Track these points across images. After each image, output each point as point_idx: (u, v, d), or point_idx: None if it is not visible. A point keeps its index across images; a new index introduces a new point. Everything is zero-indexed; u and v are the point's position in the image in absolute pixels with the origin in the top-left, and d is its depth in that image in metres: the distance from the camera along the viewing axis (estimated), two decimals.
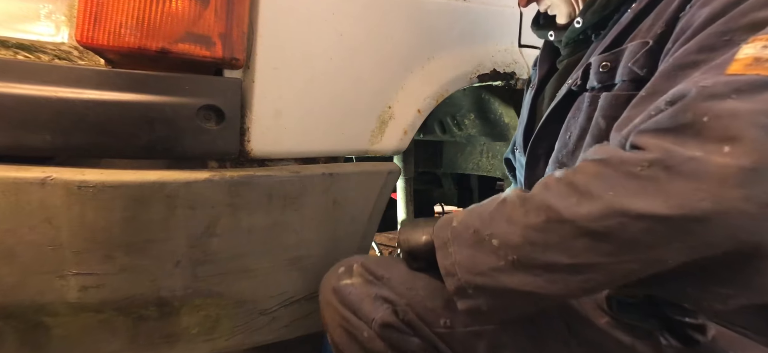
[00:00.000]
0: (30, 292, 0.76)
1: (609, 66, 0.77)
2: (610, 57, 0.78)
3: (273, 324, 0.99)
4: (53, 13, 0.83)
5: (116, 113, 0.76)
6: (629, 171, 0.59)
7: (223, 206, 0.84)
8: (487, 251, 0.69)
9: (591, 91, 0.82)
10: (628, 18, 0.79)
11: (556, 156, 0.89)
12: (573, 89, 0.85)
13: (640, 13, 0.78)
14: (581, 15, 0.89)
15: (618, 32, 0.80)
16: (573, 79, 0.86)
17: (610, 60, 0.78)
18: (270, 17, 0.86)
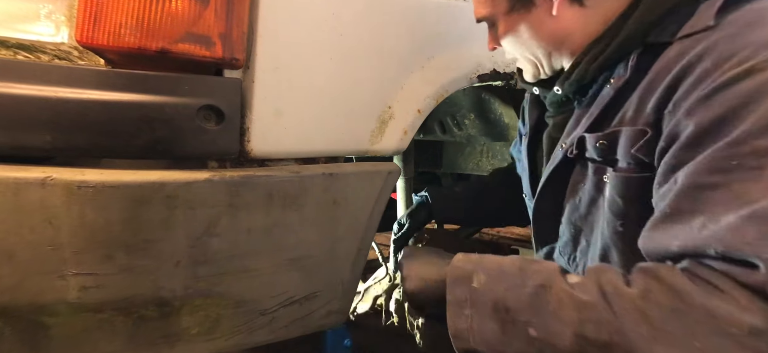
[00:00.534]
0: (30, 292, 0.76)
1: (606, 145, 0.79)
2: (605, 138, 0.80)
3: (273, 324, 0.99)
4: (53, 13, 0.83)
5: (116, 113, 0.76)
6: (724, 330, 0.58)
7: (223, 206, 0.84)
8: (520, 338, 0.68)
9: (593, 162, 0.83)
10: (610, 94, 0.81)
11: (568, 218, 0.91)
12: (569, 156, 0.87)
13: (620, 90, 0.80)
14: (560, 83, 0.90)
15: (602, 108, 0.82)
16: (568, 147, 0.87)
17: (606, 140, 0.79)
18: (270, 17, 0.86)
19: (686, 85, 0.69)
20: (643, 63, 0.78)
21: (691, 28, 0.73)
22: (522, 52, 0.92)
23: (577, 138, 0.86)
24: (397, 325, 1.47)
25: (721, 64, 0.66)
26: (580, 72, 0.86)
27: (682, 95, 0.69)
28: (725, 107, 0.63)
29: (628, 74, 0.79)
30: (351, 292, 1.09)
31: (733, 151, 0.62)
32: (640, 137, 0.74)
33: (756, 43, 0.65)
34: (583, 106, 0.88)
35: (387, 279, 1.59)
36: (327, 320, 1.07)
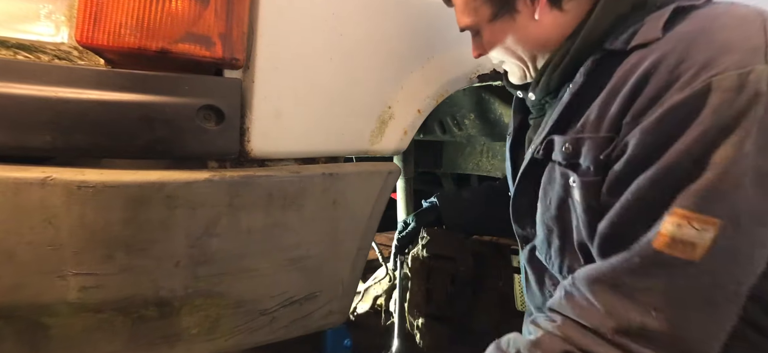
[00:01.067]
0: (30, 292, 0.76)
1: (571, 149, 0.82)
2: (570, 141, 0.83)
3: (273, 324, 0.99)
4: (53, 13, 0.83)
5: (116, 113, 0.76)
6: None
7: (223, 206, 0.84)
8: None
9: (559, 165, 0.87)
10: (567, 99, 0.85)
11: (541, 218, 0.94)
12: (536, 157, 0.91)
13: (576, 95, 0.83)
14: (532, 90, 0.94)
15: (560, 111, 0.85)
16: (535, 148, 0.91)
17: (572, 144, 0.82)
18: (270, 17, 0.86)
19: (643, 100, 0.72)
20: (601, 70, 0.80)
21: (643, 39, 0.76)
22: (508, 57, 0.94)
23: (545, 141, 0.89)
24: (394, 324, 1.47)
25: (670, 84, 0.70)
26: (546, 79, 0.90)
27: (639, 110, 0.73)
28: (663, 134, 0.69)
29: (582, 79, 0.82)
30: (351, 292, 1.09)
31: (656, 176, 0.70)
32: (607, 144, 0.77)
33: (699, 63, 0.68)
34: (552, 109, 0.92)
35: (387, 279, 1.59)
36: (327, 320, 1.07)
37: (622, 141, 0.75)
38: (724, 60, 0.66)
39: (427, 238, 1.44)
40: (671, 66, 0.70)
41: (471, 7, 0.90)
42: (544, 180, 0.92)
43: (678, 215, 0.67)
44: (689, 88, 0.67)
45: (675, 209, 0.67)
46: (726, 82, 0.65)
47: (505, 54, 0.94)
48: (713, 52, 0.67)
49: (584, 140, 0.81)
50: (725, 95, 0.65)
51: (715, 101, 0.65)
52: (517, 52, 0.92)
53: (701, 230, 0.66)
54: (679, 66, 0.69)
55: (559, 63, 0.87)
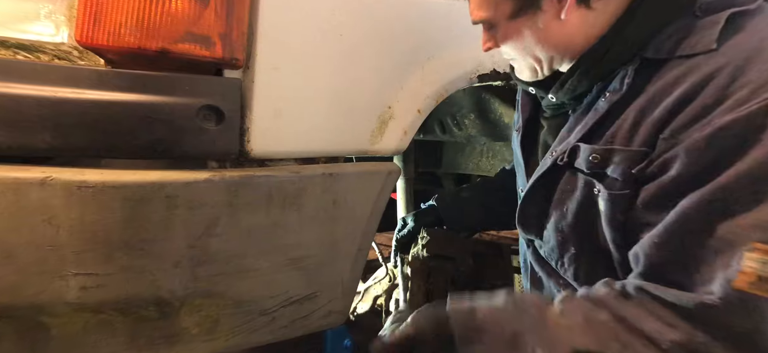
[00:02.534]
0: (30, 292, 0.76)
1: (599, 159, 0.79)
2: (599, 152, 0.80)
3: (273, 324, 0.99)
4: (53, 13, 0.83)
5: (116, 113, 0.76)
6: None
7: (222, 206, 0.84)
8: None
9: (582, 173, 0.84)
10: (604, 108, 0.81)
11: (555, 224, 0.91)
12: (559, 163, 0.87)
13: (615, 104, 0.79)
14: (554, 92, 0.90)
15: (596, 120, 0.82)
16: (558, 155, 0.87)
17: (600, 154, 0.79)
18: (270, 17, 0.86)
19: (686, 115, 0.69)
20: (640, 79, 0.77)
21: (692, 49, 0.72)
22: (523, 55, 0.89)
23: (570, 147, 0.85)
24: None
25: (720, 102, 0.66)
26: (573, 83, 0.85)
27: (681, 126, 0.69)
28: (717, 153, 0.66)
29: (624, 90, 0.78)
30: (351, 292, 1.09)
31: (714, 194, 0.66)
32: (641, 159, 0.74)
33: (756, 82, 0.65)
34: (578, 114, 0.87)
35: (387, 279, 1.59)
36: (327, 320, 1.07)
37: (660, 158, 0.71)
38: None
39: (427, 238, 1.44)
40: (723, 84, 0.67)
41: (490, 1, 0.84)
42: (562, 186, 0.88)
43: (761, 250, 0.62)
44: (744, 108, 0.64)
45: (755, 244, 0.62)
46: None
47: (519, 52, 0.89)
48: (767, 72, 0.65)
49: (615, 152, 0.77)
50: None
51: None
52: (535, 51, 0.86)
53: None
54: (733, 84, 0.66)
55: (590, 68, 0.82)
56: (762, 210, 0.63)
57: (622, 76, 0.79)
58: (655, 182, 0.72)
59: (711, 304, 0.64)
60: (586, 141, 0.83)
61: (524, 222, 1.00)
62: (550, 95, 0.91)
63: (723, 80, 0.67)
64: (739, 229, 0.64)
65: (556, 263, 0.95)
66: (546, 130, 1.00)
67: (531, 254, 1.03)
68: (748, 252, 0.62)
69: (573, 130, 0.87)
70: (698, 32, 0.73)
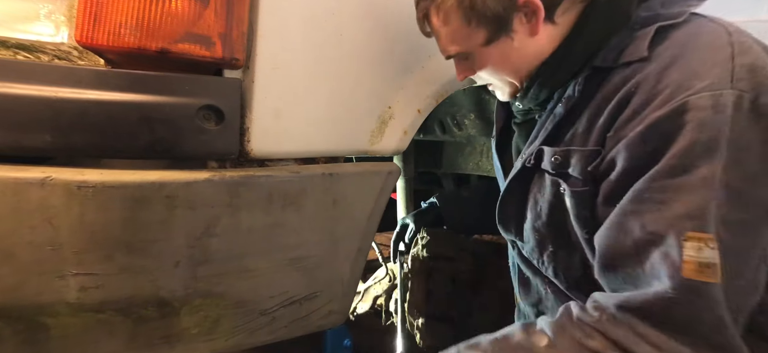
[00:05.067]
0: (29, 292, 0.76)
1: (560, 160, 0.86)
2: (560, 153, 0.86)
3: (273, 324, 0.99)
4: (53, 13, 0.83)
5: (116, 113, 0.76)
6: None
7: (222, 206, 0.84)
8: None
9: (548, 174, 0.89)
10: (561, 113, 0.88)
11: (532, 225, 0.96)
12: (528, 166, 0.93)
13: (570, 109, 0.86)
14: (519, 100, 0.96)
15: (554, 124, 0.88)
16: (526, 157, 0.93)
17: (561, 155, 0.86)
18: (270, 17, 0.86)
19: (624, 116, 0.77)
20: (591, 85, 0.84)
21: (630, 57, 0.80)
22: (500, 76, 0.93)
23: (536, 150, 0.91)
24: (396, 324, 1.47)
25: (649, 101, 0.74)
26: (535, 91, 0.92)
27: (621, 125, 0.77)
28: (649, 147, 0.73)
29: (576, 96, 0.85)
30: (351, 292, 1.09)
31: (647, 185, 0.73)
32: (594, 157, 0.81)
33: (675, 83, 0.73)
34: (542, 119, 0.93)
35: (387, 279, 1.59)
36: (327, 320, 1.07)
37: (608, 155, 0.78)
38: (696, 83, 0.71)
39: (427, 238, 1.44)
40: (650, 85, 0.75)
41: (460, 35, 0.87)
42: (534, 189, 0.94)
43: (694, 238, 0.68)
44: (668, 105, 0.72)
45: (688, 234, 0.69)
46: (701, 101, 0.70)
47: (497, 75, 0.93)
48: (687, 75, 0.73)
49: (573, 152, 0.84)
50: (702, 114, 0.70)
51: (694, 118, 0.70)
52: (512, 71, 0.91)
53: (714, 250, 0.68)
54: (657, 85, 0.75)
55: (549, 77, 0.89)
56: (688, 199, 0.69)
57: (575, 83, 0.86)
58: (607, 180, 0.79)
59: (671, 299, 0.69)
60: (548, 144, 0.89)
61: (504, 223, 1.05)
62: (516, 103, 0.98)
63: (651, 81, 0.75)
64: (673, 220, 0.70)
65: (537, 262, 0.99)
66: (517, 135, 1.05)
67: (516, 255, 1.08)
68: (684, 242, 0.69)
69: (538, 134, 0.93)
70: (634, 43, 0.81)
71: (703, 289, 0.68)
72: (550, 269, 0.96)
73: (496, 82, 0.96)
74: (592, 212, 0.83)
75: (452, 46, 0.90)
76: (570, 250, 0.91)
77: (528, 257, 1.03)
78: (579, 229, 0.86)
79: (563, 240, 0.91)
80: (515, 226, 1.01)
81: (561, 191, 0.87)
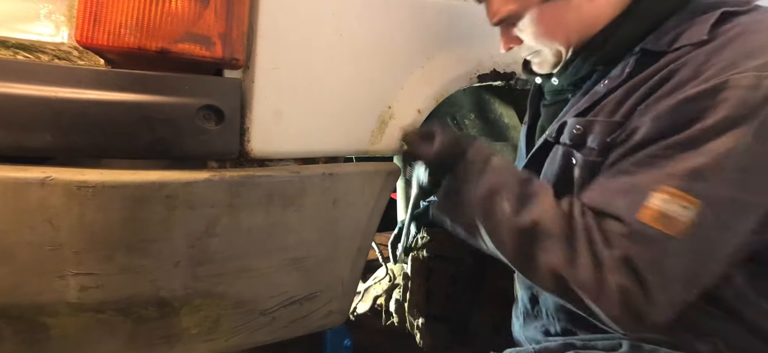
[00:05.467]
0: (29, 292, 0.76)
1: (582, 130, 0.84)
2: (583, 123, 0.84)
3: (273, 324, 0.99)
4: (53, 13, 0.83)
5: (116, 113, 0.76)
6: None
7: (222, 206, 0.84)
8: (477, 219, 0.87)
9: (563, 145, 0.88)
10: (602, 92, 0.84)
11: None
12: (549, 139, 0.92)
13: (612, 89, 0.83)
14: (557, 75, 0.94)
15: (592, 102, 0.85)
16: (550, 132, 0.92)
17: (583, 125, 0.84)
18: (270, 17, 0.86)
19: (662, 91, 0.75)
20: (639, 68, 0.81)
21: (687, 40, 0.77)
22: (551, 42, 0.89)
23: (561, 122, 0.89)
24: (397, 325, 1.47)
25: (693, 78, 0.72)
26: (576, 66, 0.89)
27: (655, 100, 0.75)
28: (675, 120, 0.72)
29: (623, 77, 0.82)
30: (351, 292, 1.09)
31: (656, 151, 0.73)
32: (617, 128, 0.79)
33: (725, 61, 0.71)
34: (575, 98, 0.91)
35: (387, 278, 1.59)
36: (327, 320, 1.07)
37: (631, 126, 0.77)
38: (746, 63, 0.70)
39: (427, 238, 1.44)
40: (698, 63, 0.73)
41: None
42: (548, 161, 0.92)
43: (668, 193, 0.70)
44: (710, 81, 0.70)
45: (664, 187, 0.70)
46: (744, 80, 0.69)
47: (547, 40, 0.89)
48: (738, 55, 0.71)
49: (595, 123, 0.82)
50: (741, 92, 0.68)
51: (732, 95, 0.69)
52: (563, 36, 0.87)
53: (686, 209, 0.69)
54: (705, 64, 0.73)
55: (591, 54, 0.86)
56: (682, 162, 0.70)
57: (623, 64, 0.83)
58: (619, 148, 0.78)
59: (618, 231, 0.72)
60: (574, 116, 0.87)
61: None
62: (554, 79, 0.95)
63: (700, 59, 0.73)
64: (660, 175, 0.71)
65: None
66: (544, 117, 1.04)
67: None
68: (657, 193, 0.70)
69: (569, 111, 0.90)
70: (694, 26, 0.78)
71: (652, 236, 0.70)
72: None
73: (543, 48, 0.91)
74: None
75: (507, 6, 0.87)
76: None
77: None
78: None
79: None
80: None
81: (572, 163, 0.85)
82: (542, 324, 1.01)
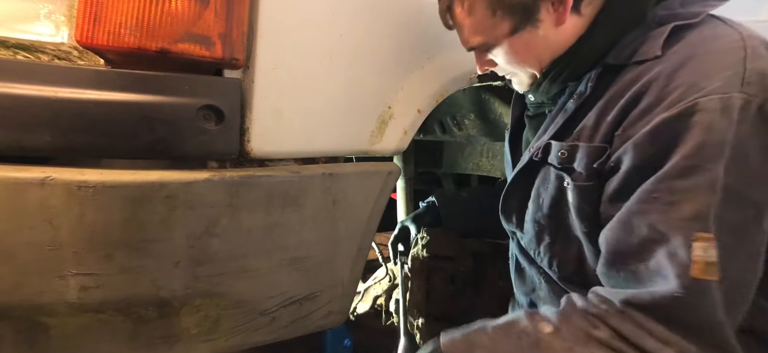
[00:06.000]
0: (29, 292, 0.76)
1: (566, 155, 0.86)
2: (566, 148, 0.87)
3: (273, 324, 0.99)
4: (53, 13, 0.83)
5: (116, 113, 0.76)
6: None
7: (222, 206, 0.84)
8: None
9: (554, 168, 0.90)
10: (572, 109, 0.88)
11: (532, 216, 0.97)
12: (535, 159, 0.93)
13: (581, 105, 0.87)
14: (532, 93, 0.97)
15: (565, 120, 0.89)
16: (534, 151, 0.93)
17: (567, 150, 0.86)
18: (270, 17, 0.86)
19: (634, 114, 0.77)
20: (602, 82, 0.85)
21: (643, 55, 0.80)
22: (522, 67, 0.93)
23: (544, 144, 0.91)
24: (397, 325, 1.47)
25: (660, 101, 0.74)
26: (546, 85, 0.92)
27: (630, 124, 0.77)
28: (657, 147, 0.73)
29: (588, 92, 0.86)
30: (351, 292, 1.09)
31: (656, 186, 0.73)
32: (600, 153, 0.81)
33: (686, 84, 0.73)
34: (553, 114, 0.94)
35: (387, 279, 1.59)
36: (327, 320, 1.07)
37: (615, 153, 0.79)
38: (707, 84, 0.72)
39: (427, 238, 1.44)
40: (661, 86, 0.75)
41: (485, 25, 0.87)
42: (539, 181, 0.95)
43: (703, 239, 0.69)
44: (677, 106, 0.72)
45: (697, 234, 0.69)
46: (711, 104, 0.71)
47: (519, 66, 0.92)
48: (698, 76, 0.73)
49: (579, 148, 0.85)
50: (710, 116, 0.70)
51: (703, 120, 0.71)
52: (534, 61, 0.91)
53: (715, 249, 0.69)
54: (668, 86, 0.75)
55: (560, 73, 0.89)
56: (696, 201, 0.70)
57: (587, 79, 0.87)
58: (613, 178, 0.80)
59: (678, 298, 0.70)
60: (557, 139, 0.89)
61: (506, 214, 1.06)
62: (529, 96, 0.99)
63: (662, 82, 0.76)
64: (680, 221, 0.71)
65: (533, 252, 1.01)
66: (528, 128, 1.06)
67: (515, 245, 1.10)
68: (693, 243, 0.69)
69: (548, 128, 0.93)
70: (648, 41, 0.81)
71: (708, 288, 0.69)
72: (545, 260, 0.97)
73: (517, 72, 0.95)
74: (593, 207, 0.84)
75: (475, 37, 0.90)
76: (567, 243, 0.92)
77: (526, 248, 1.04)
78: (579, 223, 0.87)
79: (562, 233, 0.92)
80: (516, 217, 1.02)
81: (565, 186, 0.87)
82: None
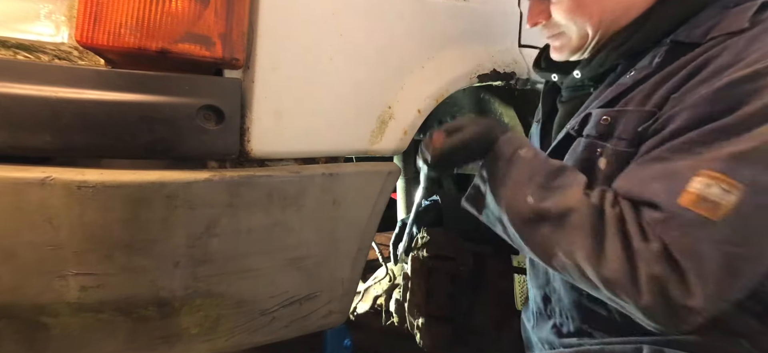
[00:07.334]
0: (30, 292, 0.76)
1: (609, 121, 0.82)
2: (611, 113, 0.82)
3: (273, 324, 0.99)
4: (53, 13, 0.83)
5: (116, 113, 0.76)
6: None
7: (222, 206, 0.84)
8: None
9: (586, 137, 0.86)
10: (628, 83, 0.83)
11: None
12: (571, 133, 0.90)
13: (640, 80, 0.81)
14: (580, 68, 0.93)
15: (618, 92, 0.84)
16: (572, 125, 0.90)
17: (611, 116, 0.82)
18: (270, 17, 0.86)
19: (699, 77, 0.73)
20: (669, 60, 0.80)
21: (725, 30, 0.75)
22: (580, 23, 0.88)
23: (584, 114, 0.87)
24: (397, 325, 1.47)
25: (734, 62, 0.70)
26: (601, 59, 0.88)
27: (692, 87, 0.73)
28: (719, 106, 0.69)
29: (652, 68, 0.81)
30: (351, 292, 1.09)
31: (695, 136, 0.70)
32: (648, 117, 0.77)
33: (766, 47, 0.69)
34: (598, 91, 0.90)
35: (387, 278, 1.59)
36: (327, 320, 1.07)
37: (666, 114, 0.75)
38: None
39: (427, 238, 1.44)
40: (737, 50, 0.71)
41: None
42: (568, 156, 0.90)
43: (708, 176, 0.67)
44: (752, 67, 0.68)
45: (704, 171, 0.67)
46: None
47: (577, 20, 0.88)
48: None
49: (625, 113, 0.80)
50: None
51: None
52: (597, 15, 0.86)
53: (728, 193, 0.66)
54: (746, 50, 0.71)
55: (619, 46, 0.85)
56: (725, 147, 0.67)
57: (652, 55, 0.82)
58: (654, 137, 0.76)
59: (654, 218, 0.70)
60: (604, 107, 0.85)
61: None
62: (576, 72, 0.94)
63: (740, 46, 0.71)
64: (700, 159, 0.68)
65: None
66: (561, 114, 1.02)
67: None
68: (698, 176, 0.68)
69: (591, 103, 0.89)
70: (730, 17, 0.76)
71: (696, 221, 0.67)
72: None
73: (571, 27, 0.90)
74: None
75: None
76: None
77: None
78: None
79: None
80: None
81: (596, 154, 0.83)
82: (555, 323, 1.00)
